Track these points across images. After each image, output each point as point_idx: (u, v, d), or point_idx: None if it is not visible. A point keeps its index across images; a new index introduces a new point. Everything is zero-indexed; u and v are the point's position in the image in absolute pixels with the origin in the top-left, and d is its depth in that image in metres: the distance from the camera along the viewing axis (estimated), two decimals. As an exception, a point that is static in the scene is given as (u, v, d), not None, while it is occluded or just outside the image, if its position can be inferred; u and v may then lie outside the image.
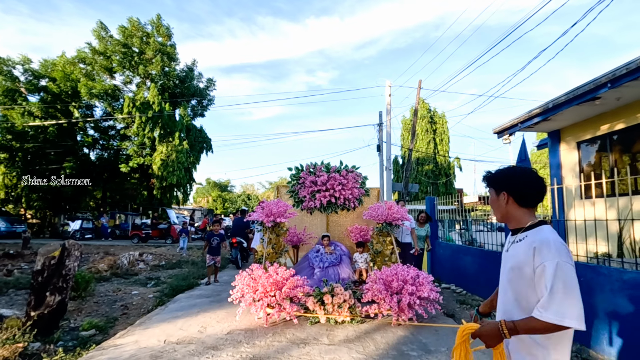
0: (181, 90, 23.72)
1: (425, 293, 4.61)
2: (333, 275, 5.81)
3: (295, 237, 7.19)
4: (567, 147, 7.99)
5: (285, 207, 5.92)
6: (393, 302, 4.57)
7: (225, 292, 5.29)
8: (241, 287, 4.65)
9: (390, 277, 4.81)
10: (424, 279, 4.83)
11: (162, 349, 3.91)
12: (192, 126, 23.96)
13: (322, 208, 6.70)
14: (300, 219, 7.31)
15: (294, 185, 6.90)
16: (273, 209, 5.80)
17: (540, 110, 7.12)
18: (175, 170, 20.84)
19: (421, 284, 4.73)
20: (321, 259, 6.16)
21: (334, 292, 4.79)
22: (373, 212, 6.17)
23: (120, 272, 9.21)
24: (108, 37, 21.88)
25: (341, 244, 6.87)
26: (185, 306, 5.82)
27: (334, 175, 6.64)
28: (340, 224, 7.65)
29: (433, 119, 21.82)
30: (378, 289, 4.67)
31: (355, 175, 6.81)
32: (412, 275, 4.87)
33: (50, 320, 4.46)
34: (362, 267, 6.42)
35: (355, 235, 7.07)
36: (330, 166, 6.86)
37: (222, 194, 51.39)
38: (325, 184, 6.62)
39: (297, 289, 4.74)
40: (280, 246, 6.04)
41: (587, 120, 7.33)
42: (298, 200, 6.82)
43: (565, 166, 8.02)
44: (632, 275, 3.41)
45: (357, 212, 7.32)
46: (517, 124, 7.88)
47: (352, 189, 6.70)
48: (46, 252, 4.54)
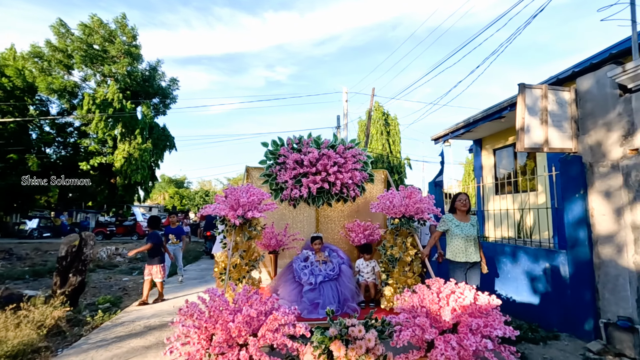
0: (143, 89, 23.85)
1: (498, 331, 2.50)
2: (332, 295, 4.19)
3: (274, 239, 5.11)
4: (486, 153, 9.99)
5: (260, 196, 4.04)
6: (449, 350, 2.46)
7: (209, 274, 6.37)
8: (183, 332, 2.52)
9: (437, 302, 2.73)
10: (488, 305, 2.68)
11: (174, 310, 5.16)
12: (155, 125, 24.18)
13: (310, 198, 4.85)
14: (280, 214, 5.46)
15: (271, 167, 4.87)
16: (241, 199, 3.87)
17: (464, 124, 8.99)
18: (139, 168, 21.13)
19: (488, 314, 2.67)
20: (312, 271, 4.44)
21: (349, 335, 2.64)
22: (386, 203, 4.36)
23: (102, 264, 10.02)
24: (68, 34, 21.54)
25: (338, 249, 5.00)
26: (178, 286, 7.01)
27: (328, 153, 4.71)
28: (334, 220, 5.70)
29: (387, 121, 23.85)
30: (421, 325, 2.53)
31: (356, 153, 4.95)
32: (470, 298, 2.70)
33: (73, 297, 5.47)
34: (369, 281, 4.63)
35: (358, 235, 5.22)
36: (322, 140, 4.93)
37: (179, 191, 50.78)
38: (315, 164, 4.71)
39: (283, 328, 2.58)
40: (252, 254, 4.18)
41: (499, 133, 9.30)
42: (277, 188, 4.87)
43: (485, 168, 10.01)
44: (514, 249, 5.17)
45: (358, 204, 5.49)
46: (448, 133, 9.76)
47: (352, 172, 4.83)
48: (68, 242, 5.55)
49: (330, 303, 4.10)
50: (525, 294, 4.85)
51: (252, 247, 4.21)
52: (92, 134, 22.75)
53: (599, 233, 3.95)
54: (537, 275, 4.69)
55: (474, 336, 2.43)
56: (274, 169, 4.87)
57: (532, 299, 4.75)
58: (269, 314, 2.60)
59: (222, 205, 3.96)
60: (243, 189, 4.07)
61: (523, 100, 4.17)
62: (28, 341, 3.57)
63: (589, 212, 4.06)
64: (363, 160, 5.02)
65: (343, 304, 4.19)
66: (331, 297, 4.21)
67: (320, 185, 4.73)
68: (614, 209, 3.80)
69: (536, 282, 4.70)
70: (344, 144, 4.95)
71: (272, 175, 4.90)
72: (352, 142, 5.05)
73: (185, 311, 2.54)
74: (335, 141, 4.99)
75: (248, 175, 5.48)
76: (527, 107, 4.17)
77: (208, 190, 51.81)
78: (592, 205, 4.03)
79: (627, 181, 3.68)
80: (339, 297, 4.24)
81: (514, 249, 5.11)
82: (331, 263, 4.63)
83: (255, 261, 4.23)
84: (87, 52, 21.53)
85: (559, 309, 4.32)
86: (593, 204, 4.02)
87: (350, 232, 5.37)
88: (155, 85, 24.70)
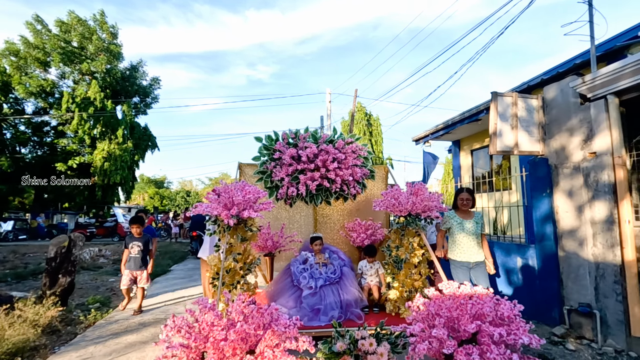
0: (124, 88, 23.47)
1: (524, 338, 2.14)
2: (333, 301, 3.94)
3: (269, 240, 4.74)
4: (464, 154, 10.45)
5: (257, 194, 3.72)
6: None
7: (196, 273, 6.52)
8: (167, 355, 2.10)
9: (455, 309, 2.36)
10: (509, 310, 2.33)
11: (166, 307, 5.30)
12: (137, 124, 23.83)
13: (308, 197, 4.68)
14: (275, 214, 5.13)
15: (266, 163, 4.68)
16: (236, 197, 3.56)
17: (443, 125, 9.40)
18: (119, 169, 20.81)
19: (510, 321, 2.33)
20: (312, 274, 4.19)
21: (359, 350, 2.41)
22: (391, 200, 4.14)
23: (86, 265, 9.94)
24: (45, 31, 20.96)
25: (338, 250, 4.75)
26: (167, 285, 7.12)
27: (327, 148, 4.56)
28: (333, 219, 5.36)
29: (369, 122, 24.30)
30: (440, 338, 2.17)
31: (356, 148, 4.79)
32: (490, 304, 2.34)
33: (63, 298, 5.52)
34: (372, 283, 4.38)
35: (359, 235, 4.95)
36: (319, 134, 4.79)
37: (160, 191, 49.94)
38: (314, 161, 4.57)
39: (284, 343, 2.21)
40: (248, 257, 3.87)
41: (477, 134, 9.76)
42: (272, 186, 4.70)
43: (463, 168, 10.47)
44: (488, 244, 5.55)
45: (358, 202, 5.21)
46: (429, 134, 10.17)
47: (353, 168, 4.71)
48: (57, 243, 5.59)
49: (332, 309, 3.82)
50: (499, 285, 5.23)
51: (247, 249, 3.86)
52: (69, 134, 22.25)
53: (563, 228, 4.35)
54: (509, 268, 5.08)
55: (497, 347, 2.08)
56: (269, 165, 4.64)
57: (505, 290, 5.14)
58: (267, 327, 2.21)
59: (215, 204, 3.54)
60: (238, 186, 3.66)
61: (495, 107, 4.53)
62: (26, 339, 3.66)
63: (554, 209, 4.46)
64: (364, 156, 4.83)
65: (346, 309, 3.90)
66: (333, 302, 3.91)
67: (320, 182, 4.56)
68: (575, 207, 4.20)
69: (509, 274, 5.09)
70: (343, 138, 4.73)
71: (267, 172, 4.66)
72: (351, 137, 4.82)
73: (171, 326, 2.13)
74: (334, 135, 4.81)
75: (241, 173, 5.04)
76: (498, 113, 4.53)
77: (189, 191, 51.15)
78: (557, 203, 4.43)
79: (586, 181, 4.08)
80: (341, 302, 3.94)
81: (489, 243, 5.48)
82: (332, 265, 4.34)
83: (250, 264, 3.87)
84: (64, 49, 21.02)
85: (528, 298, 4.71)
86: (558, 202, 4.42)
87: (351, 232, 5.06)
88: (136, 84, 24.34)
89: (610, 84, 3.82)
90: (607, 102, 3.90)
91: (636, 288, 3.63)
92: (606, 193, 3.87)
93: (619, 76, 3.72)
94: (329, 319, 3.69)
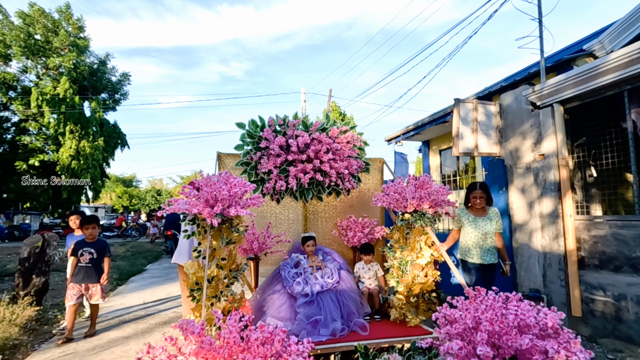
0: (91, 84, 22.68)
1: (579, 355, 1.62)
2: (334, 309, 3.44)
3: (255, 242, 4.10)
4: (433, 154, 10.99)
5: (243, 187, 3.13)
6: None
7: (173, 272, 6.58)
8: None
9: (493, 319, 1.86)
10: (553, 318, 1.85)
11: (145, 305, 5.38)
12: (106, 121, 23.10)
13: (299, 191, 4.26)
14: (260, 211, 4.48)
15: (250, 153, 4.15)
16: (220, 191, 2.96)
17: (414, 126, 9.88)
18: (90, 167, 20.14)
19: (556, 332, 1.85)
20: (306, 279, 3.68)
21: None
22: (394, 195, 3.67)
23: (55, 266, 9.71)
24: (6, 22, 19.90)
25: (332, 251, 4.28)
26: (144, 284, 7.15)
27: (320, 137, 4.12)
28: (324, 217, 4.76)
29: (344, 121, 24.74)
30: (485, 357, 1.69)
31: (351, 138, 4.35)
32: (534, 313, 1.89)
33: (37, 298, 5.48)
34: (372, 287, 3.95)
35: (356, 234, 4.41)
36: (310, 121, 4.31)
37: (129, 190, 48.38)
38: (305, 151, 4.13)
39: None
40: (233, 262, 3.30)
41: (444, 135, 10.29)
42: (257, 180, 4.20)
43: (432, 167, 11.01)
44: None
45: (352, 198, 4.70)
46: (400, 135, 10.63)
47: (348, 160, 4.30)
48: (31, 243, 5.55)
49: (334, 320, 3.31)
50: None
51: (232, 253, 3.25)
52: (32, 130, 21.27)
53: (516, 222, 4.83)
54: (471, 260, 5.53)
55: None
56: (254, 156, 4.11)
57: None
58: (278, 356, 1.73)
59: (194, 201, 2.94)
60: (222, 178, 3.07)
61: (458, 112, 4.94)
62: (7, 337, 3.70)
63: (510, 205, 4.93)
64: (359, 147, 4.42)
65: (348, 319, 3.40)
66: (333, 311, 3.39)
67: (312, 175, 4.13)
68: (527, 203, 4.68)
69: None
70: (337, 126, 4.28)
71: (252, 164, 4.13)
72: (346, 125, 4.39)
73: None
74: (327, 123, 4.28)
75: (220, 164, 4.39)
76: (460, 117, 4.95)
77: (160, 190, 49.87)
78: (511, 199, 4.91)
79: (536, 180, 4.57)
80: (342, 311, 3.44)
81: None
82: (328, 268, 3.83)
83: (237, 271, 3.26)
84: (27, 42, 20.06)
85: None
86: (512, 199, 4.89)
87: (344, 230, 4.51)
88: (105, 80, 23.56)
89: (556, 94, 4.30)
90: (553, 110, 4.38)
91: (576, 274, 4.13)
92: (552, 190, 4.36)
93: (563, 87, 4.21)
94: (331, 332, 3.19)
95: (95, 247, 4.35)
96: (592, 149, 4.41)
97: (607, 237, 3.93)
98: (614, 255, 3.87)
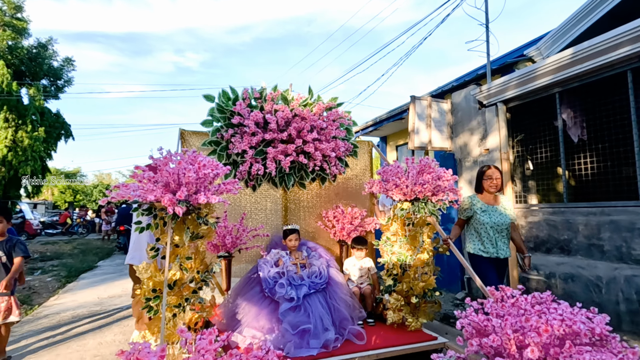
0: (30, 69, 20.86)
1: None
2: (324, 316, 2.92)
3: (228, 236, 3.44)
4: (390, 149, 11.46)
5: (215, 169, 2.41)
6: None
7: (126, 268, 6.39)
8: None
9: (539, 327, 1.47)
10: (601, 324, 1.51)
11: (99, 301, 5.19)
12: (47, 110, 21.36)
13: (279, 177, 3.73)
14: (234, 200, 3.82)
15: (220, 130, 3.55)
16: (185, 173, 2.28)
17: (372, 122, 10.23)
18: (29, 159, 18.57)
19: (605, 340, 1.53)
20: (290, 280, 3.12)
21: None
22: (394, 180, 3.18)
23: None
24: None
25: (317, 245, 3.78)
26: (97, 280, 6.85)
27: (303, 113, 3.53)
28: (307, 206, 4.15)
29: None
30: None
31: (337, 117, 3.80)
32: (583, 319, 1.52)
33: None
34: (364, 287, 3.49)
35: (344, 227, 3.89)
36: (292, 95, 3.75)
37: (72, 185, 45.08)
38: (286, 129, 3.54)
39: None
40: (201, 261, 2.64)
41: (401, 131, 10.75)
42: (229, 162, 3.57)
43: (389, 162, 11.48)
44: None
45: (338, 184, 4.16)
46: (359, 130, 10.96)
47: (335, 142, 3.74)
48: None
49: (325, 329, 2.79)
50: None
51: (200, 250, 2.62)
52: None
53: (465, 212, 5.25)
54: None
55: None
56: (225, 133, 3.48)
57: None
58: None
59: (149, 185, 2.26)
60: (188, 158, 2.40)
61: (414, 109, 5.25)
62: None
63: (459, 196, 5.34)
64: (346, 126, 3.88)
65: (340, 326, 2.91)
66: (324, 318, 2.87)
67: (295, 158, 3.53)
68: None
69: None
70: (322, 101, 3.74)
71: (222, 144, 3.52)
72: (332, 101, 3.85)
73: None
74: (311, 97, 3.75)
75: (183, 143, 3.69)
76: (416, 114, 5.27)
77: (108, 184, 46.99)
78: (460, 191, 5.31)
79: (482, 172, 4.99)
80: (334, 317, 2.93)
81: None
82: (314, 266, 3.29)
83: (206, 272, 2.63)
84: (-48, 19, 18.01)
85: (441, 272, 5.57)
86: (461, 190, 5.29)
87: (331, 222, 3.97)
88: (45, 65, 21.76)
89: (499, 94, 4.73)
90: (497, 109, 4.82)
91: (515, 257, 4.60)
92: (496, 182, 4.80)
93: (505, 88, 4.63)
94: (323, 344, 2.69)
95: (3, 247, 3.27)
96: (530, 145, 4.91)
97: (541, 223, 4.42)
98: (546, 238, 4.36)
